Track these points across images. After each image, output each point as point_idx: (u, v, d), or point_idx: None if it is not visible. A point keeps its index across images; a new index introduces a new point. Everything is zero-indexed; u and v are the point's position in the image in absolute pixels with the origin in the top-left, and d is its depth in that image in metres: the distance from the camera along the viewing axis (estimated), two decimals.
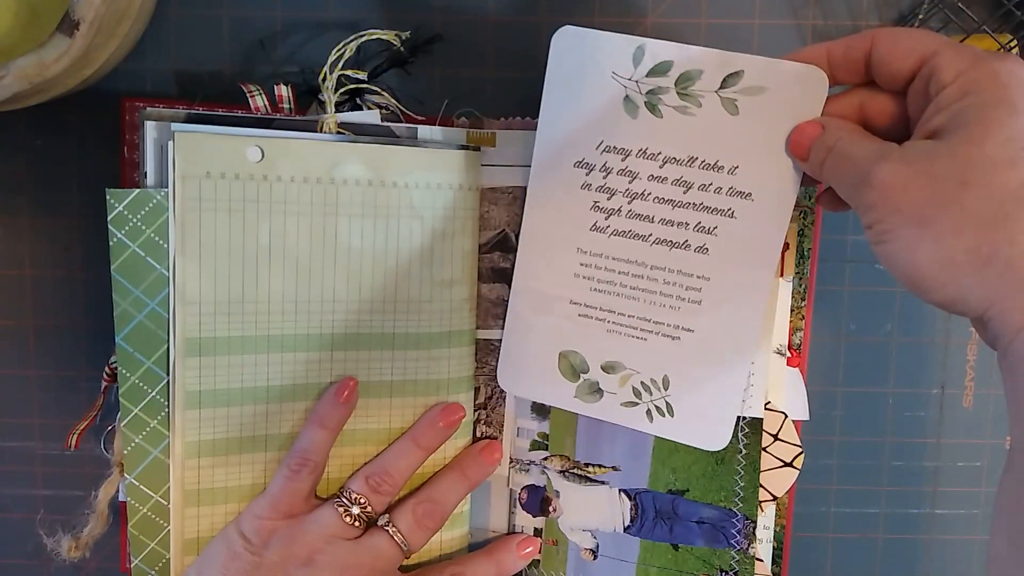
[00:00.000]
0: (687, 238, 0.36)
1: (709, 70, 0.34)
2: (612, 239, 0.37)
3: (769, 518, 0.40)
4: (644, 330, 0.38)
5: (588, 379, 0.39)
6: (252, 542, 0.36)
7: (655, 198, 0.36)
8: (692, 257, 0.36)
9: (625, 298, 0.38)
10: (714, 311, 0.37)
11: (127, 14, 0.37)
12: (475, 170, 0.40)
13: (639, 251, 0.37)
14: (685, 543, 0.40)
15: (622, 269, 0.37)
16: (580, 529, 0.42)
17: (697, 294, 0.37)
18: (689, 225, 0.36)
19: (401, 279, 0.39)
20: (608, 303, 0.38)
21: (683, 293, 0.37)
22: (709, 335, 0.37)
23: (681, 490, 0.40)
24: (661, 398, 0.38)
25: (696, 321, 0.37)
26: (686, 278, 0.37)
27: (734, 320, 0.36)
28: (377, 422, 0.40)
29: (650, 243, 0.37)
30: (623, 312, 0.38)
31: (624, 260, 0.37)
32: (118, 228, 0.35)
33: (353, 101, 0.39)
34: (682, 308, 0.37)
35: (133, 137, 0.40)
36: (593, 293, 0.38)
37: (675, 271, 0.37)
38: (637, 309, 0.38)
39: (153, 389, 0.37)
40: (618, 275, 0.38)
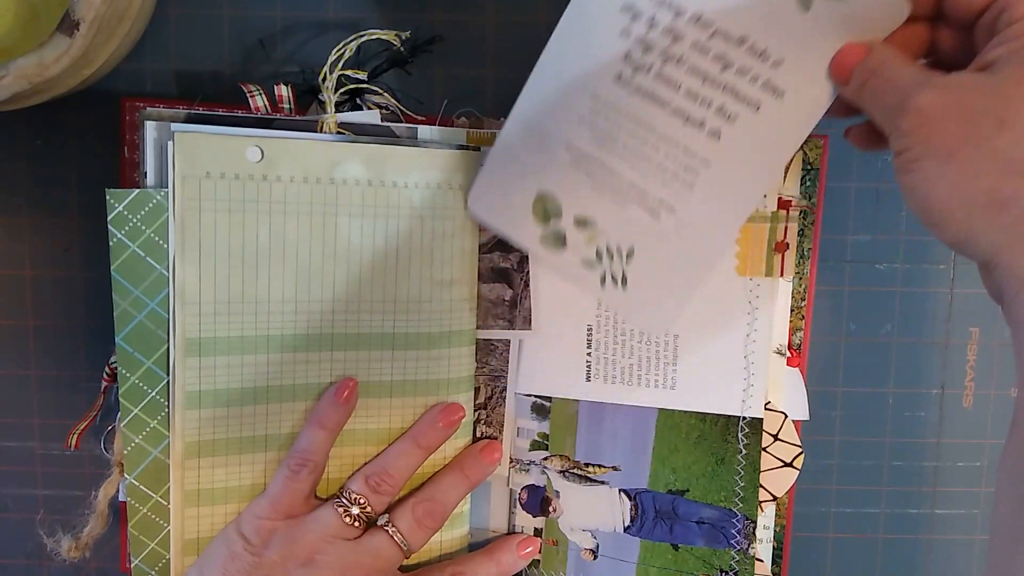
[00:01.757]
0: (705, 117, 0.34)
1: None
2: (632, 95, 0.35)
3: (769, 518, 0.40)
4: (628, 197, 0.36)
5: (557, 228, 0.37)
6: (252, 542, 0.36)
7: (689, 67, 0.34)
8: (702, 138, 0.35)
9: (621, 158, 0.36)
10: (702, 200, 0.35)
11: (127, 14, 0.37)
12: (475, 170, 0.40)
13: (654, 115, 0.35)
14: (685, 543, 0.40)
15: (630, 128, 0.35)
16: (580, 529, 0.42)
17: (693, 177, 0.35)
18: (712, 104, 0.34)
19: (401, 279, 0.39)
20: (604, 158, 0.36)
21: (680, 172, 0.36)
22: (688, 222, 0.36)
23: (681, 490, 0.40)
24: (620, 268, 0.37)
25: (681, 204, 0.36)
26: (688, 157, 0.35)
27: (716, 216, 0.35)
28: (377, 422, 0.39)
29: (667, 112, 0.35)
30: (615, 171, 0.36)
31: (635, 120, 0.35)
32: (118, 228, 0.35)
33: (353, 101, 0.39)
34: (674, 187, 0.36)
35: (133, 137, 0.40)
36: (592, 144, 0.36)
37: (680, 147, 0.35)
38: (629, 173, 0.36)
39: (153, 389, 0.37)
40: (624, 133, 0.36)
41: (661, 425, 0.40)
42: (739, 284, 0.39)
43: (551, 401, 0.41)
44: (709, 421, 0.39)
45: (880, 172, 0.42)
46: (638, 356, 0.40)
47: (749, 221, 0.38)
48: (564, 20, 0.35)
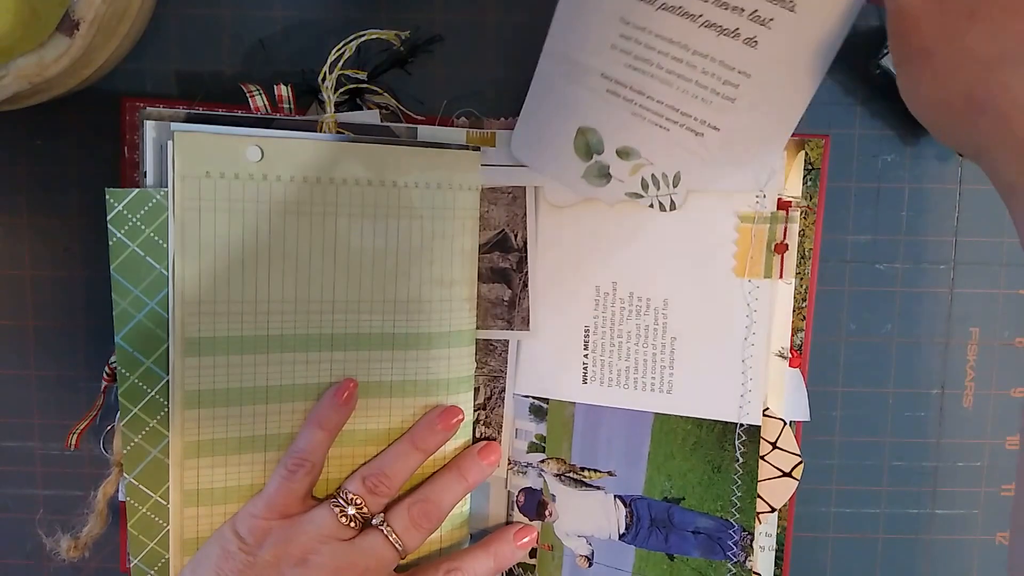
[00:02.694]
0: (739, 25, 0.33)
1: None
2: (660, 12, 0.33)
3: (771, 525, 0.40)
4: (670, 119, 0.36)
5: (600, 161, 0.37)
6: (247, 541, 0.36)
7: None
8: (739, 48, 0.33)
9: (659, 81, 0.35)
10: (746, 112, 0.34)
11: (127, 14, 0.37)
12: (475, 170, 0.40)
13: (685, 31, 0.33)
14: (681, 553, 0.40)
15: (663, 48, 0.34)
16: (575, 535, 0.41)
17: (734, 90, 0.34)
18: (744, 11, 0.33)
19: (401, 279, 0.39)
20: (640, 83, 0.35)
21: (719, 87, 0.34)
22: (734, 136, 0.35)
23: (677, 498, 0.39)
24: (668, 194, 0.37)
25: (725, 119, 0.35)
26: (727, 71, 0.34)
27: (763, 125, 0.34)
28: (376, 422, 0.39)
29: (699, 24, 0.33)
30: (653, 96, 0.35)
31: (667, 39, 0.34)
32: (118, 228, 0.35)
33: (353, 101, 0.39)
34: (715, 103, 0.35)
35: (133, 137, 0.40)
36: (627, 70, 0.35)
37: (717, 61, 0.34)
38: (668, 96, 0.35)
39: (152, 389, 0.37)
40: (657, 54, 0.34)
41: (657, 430, 0.40)
42: (737, 286, 0.38)
43: (548, 403, 0.41)
44: (706, 427, 0.39)
45: (880, 172, 0.42)
46: (635, 359, 0.40)
47: (747, 222, 0.38)
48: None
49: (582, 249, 0.40)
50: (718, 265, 0.38)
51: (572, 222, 0.40)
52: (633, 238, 0.39)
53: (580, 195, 0.39)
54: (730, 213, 0.38)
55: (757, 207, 0.38)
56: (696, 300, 0.39)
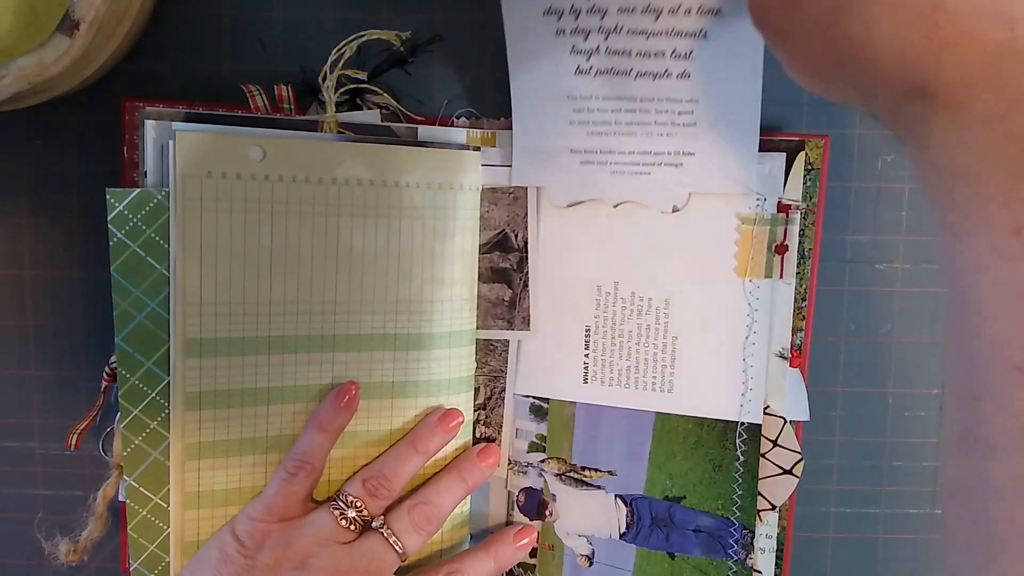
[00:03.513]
0: (667, 67, 0.35)
1: None
2: (597, 79, 0.36)
3: (772, 526, 0.40)
4: (647, 164, 0.38)
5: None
6: (246, 545, 0.36)
7: (628, 30, 0.35)
8: (677, 83, 0.36)
9: (623, 136, 0.37)
10: (711, 128, 0.36)
11: (127, 14, 0.37)
12: (475, 170, 0.40)
13: (626, 86, 0.36)
14: (681, 552, 0.40)
15: (614, 107, 0.37)
16: (576, 534, 0.41)
17: (691, 117, 0.36)
18: (665, 53, 0.35)
19: (402, 279, 0.39)
20: (607, 144, 0.38)
21: (677, 119, 0.37)
22: (710, 153, 0.37)
23: (678, 497, 0.40)
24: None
25: (695, 143, 0.37)
26: (676, 104, 0.36)
27: (732, 131, 0.36)
28: (378, 423, 0.39)
29: (633, 77, 0.36)
30: (623, 151, 0.38)
31: (614, 98, 0.37)
32: (118, 228, 0.35)
33: (353, 101, 0.39)
34: (679, 134, 0.37)
35: (133, 137, 0.40)
36: (591, 137, 0.38)
37: (664, 99, 0.36)
38: (636, 145, 0.37)
39: (153, 390, 0.37)
40: (611, 114, 0.37)
41: (658, 429, 0.40)
42: (738, 286, 0.38)
43: (549, 403, 0.41)
44: (707, 426, 0.39)
45: (880, 172, 0.42)
46: (635, 358, 0.40)
47: (748, 223, 0.38)
48: (509, 52, 0.37)
49: (583, 249, 0.40)
50: (719, 265, 0.38)
51: (573, 222, 0.40)
52: (635, 238, 0.39)
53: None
54: (731, 215, 0.38)
55: (757, 210, 0.38)
56: (697, 300, 0.39)
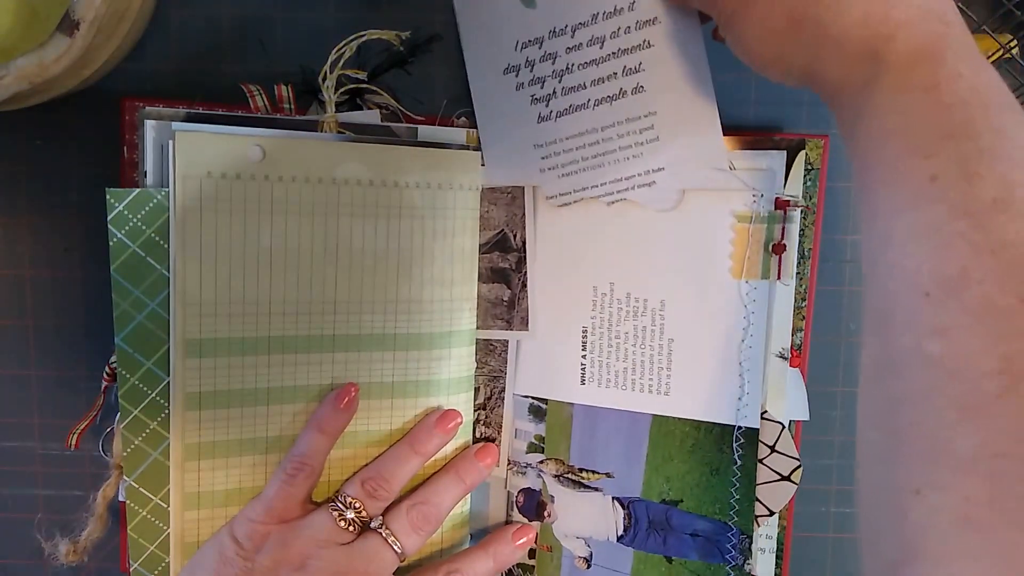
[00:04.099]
0: (620, 86, 0.37)
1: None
2: (559, 121, 0.38)
3: (772, 527, 0.39)
4: (621, 190, 0.39)
5: None
6: (244, 547, 0.36)
7: (579, 65, 0.37)
8: (632, 100, 0.37)
9: (593, 168, 0.39)
10: (674, 138, 0.37)
11: (127, 14, 0.37)
12: (475, 170, 0.40)
13: (586, 120, 0.38)
14: (679, 556, 0.40)
15: (577, 145, 0.39)
16: (574, 536, 0.41)
17: (652, 132, 0.38)
18: (617, 74, 0.37)
19: (402, 279, 0.39)
20: (579, 182, 0.39)
21: (639, 137, 0.38)
22: (678, 162, 0.38)
23: (675, 500, 0.39)
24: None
25: (662, 156, 0.38)
26: (636, 122, 0.38)
27: (693, 134, 0.37)
28: (378, 423, 0.39)
29: (592, 107, 0.38)
30: (596, 183, 0.39)
31: (576, 135, 0.38)
32: (118, 228, 0.35)
33: (353, 101, 0.39)
34: (645, 151, 0.38)
35: (133, 137, 0.40)
36: (562, 179, 0.39)
37: (623, 121, 0.38)
38: (606, 175, 0.39)
39: (153, 390, 0.37)
40: (576, 151, 0.39)
41: (655, 432, 0.40)
42: (733, 288, 0.38)
43: (547, 403, 0.41)
44: (704, 429, 0.39)
45: None
46: (632, 360, 0.40)
47: (744, 222, 0.38)
48: (477, 116, 0.40)
49: (580, 249, 0.40)
50: (715, 266, 0.38)
51: (570, 222, 0.40)
52: (630, 238, 0.39)
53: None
54: (727, 213, 0.38)
55: (755, 207, 0.38)
56: (693, 302, 0.39)
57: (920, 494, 0.23)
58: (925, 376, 0.24)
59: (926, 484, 0.23)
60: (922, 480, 0.24)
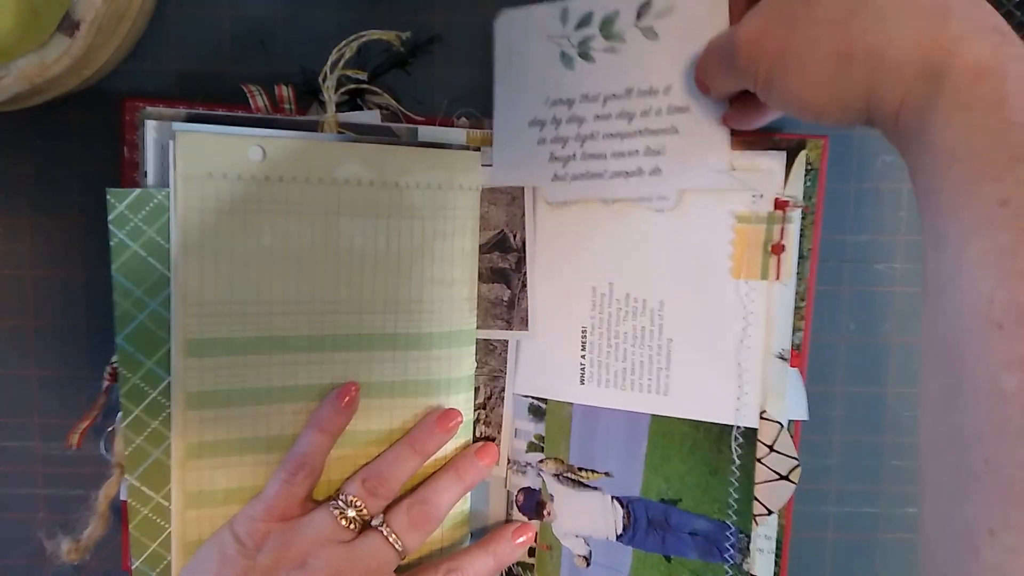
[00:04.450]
0: (639, 164, 0.38)
1: (624, 8, 0.37)
2: (573, 183, 0.39)
3: (771, 527, 0.39)
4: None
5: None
6: (245, 545, 0.36)
7: (604, 135, 0.38)
8: (647, 180, 0.38)
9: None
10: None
11: (127, 14, 0.37)
12: (475, 170, 0.40)
13: (599, 189, 0.39)
14: (678, 555, 0.40)
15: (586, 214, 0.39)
16: (573, 535, 0.41)
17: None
18: (639, 152, 0.38)
19: (402, 279, 0.39)
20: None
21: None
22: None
23: (674, 500, 0.39)
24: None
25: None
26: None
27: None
28: (378, 423, 0.40)
29: (607, 178, 0.39)
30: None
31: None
32: (119, 228, 0.35)
33: (353, 101, 0.39)
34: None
35: (133, 137, 0.40)
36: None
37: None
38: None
39: (154, 390, 0.37)
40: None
41: (654, 432, 0.40)
42: (732, 288, 0.38)
43: (547, 403, 0.41)
44: (702, 429, 0.39)
45: (880, 172, 0.42)
46: (631, 360, 0.40)
47: (744, 222, 0.38)
48: (495, 161, 0.40)
49: (579, 249, 0.40)
50: (714, 266, 0.38)
51: (569, 222, 0.40)
52: (629, 238, 0.39)
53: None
54: (727, 213, 0.38)
55: (754, 207, 0.38)
56: (692, 302, 0.39)
57: (994, 535, 0.22)
58: (1000, 411, 0.23)
59: (1001, 525, 0.22)
60: (997, 521, 0.22)
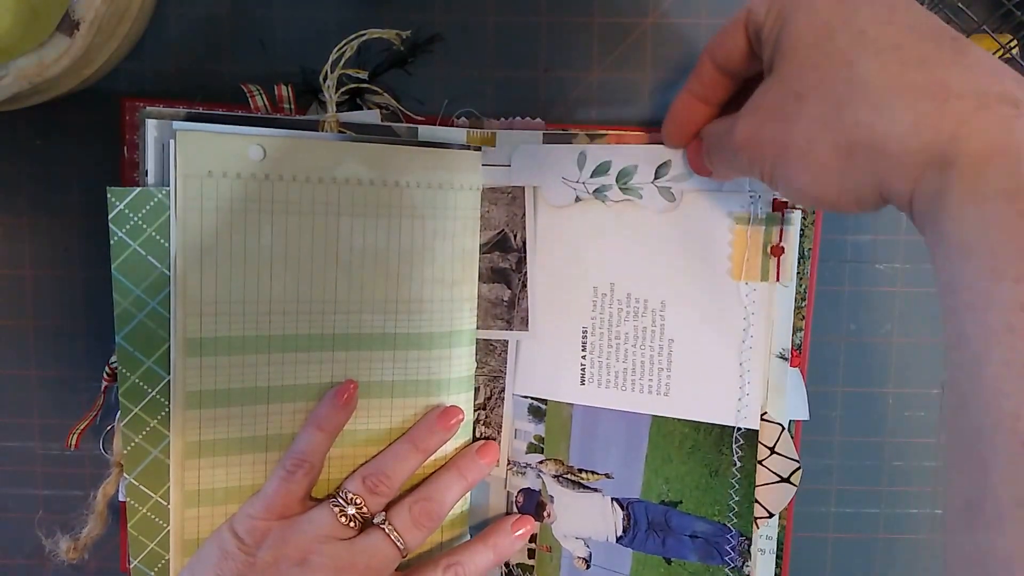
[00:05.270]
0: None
1: (642, 164, 0.38)
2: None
3: (772, 527, 0.39)
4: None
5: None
6: (245, 542, 0.36)
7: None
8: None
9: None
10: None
11: (127, 14, 0.37)
12: (476, 170, 0.40)
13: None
14: (678, 557, 0.39)
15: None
16: (573, 537, 0.41)
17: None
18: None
19: (402, 279, 0.39)
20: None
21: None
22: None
23: (674, 502, 0.39)
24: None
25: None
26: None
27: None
28: (378, 422, 0.39)
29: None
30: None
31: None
32: (119, 227, 0.35)
33: (353, 101, 0.39)
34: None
35: (133, 137, 0.40)
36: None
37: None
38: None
39: (153, 389, 0.37)
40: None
41: (654, 433, 0.39)
42: (733, 289, 0.38)
43: (547, 404, 0.41)
44: (703, 431, 0.39)
45: None
46: (632, 361, 0.39)
47: (743, 223, 0.38)
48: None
49: (580, 249, 0.40)
50: (714, 267, 0.38)
51: (570, 222, 0.40)
52: (630, 238, 0.39)
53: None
54: (725, 214, 0.38)
55: (752, 208, 0.38)
56: (693, 302, 0.39)
57: None
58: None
59: None
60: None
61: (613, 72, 0.41)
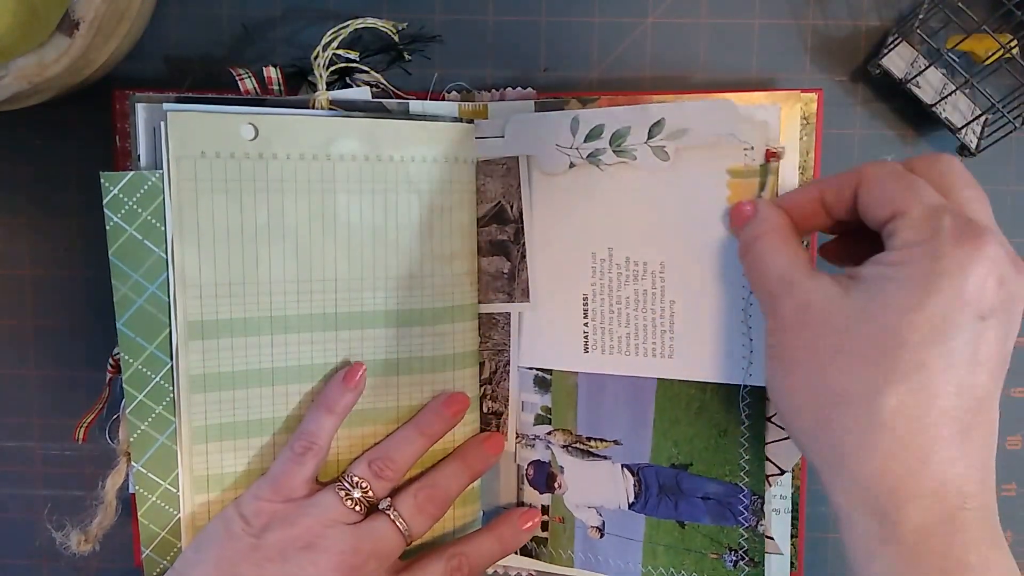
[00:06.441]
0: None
1: (635, 125, 0.37)
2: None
3: (785, 487, 0.38)
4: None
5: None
6: (251, 524, 0.36)
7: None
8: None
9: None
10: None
11: (127, 14, 0.38)
12: (470, 142, 0.40)
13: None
14: (691, 520, 0.39)
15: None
16: (585, 506, 0.40)
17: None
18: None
19: (401, 254, 0.39)
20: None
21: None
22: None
23: (684, 464, 0.39)
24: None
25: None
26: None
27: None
28: (385, 401, 0.39)
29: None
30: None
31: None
32: (114, 212, 0.35)
33: (343, 81, 0.40)
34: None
35: (124, 126, 0.40)
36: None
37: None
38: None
39: (157, 374, 0.36)
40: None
41: (661, 396, 0.39)
42: (733, 244, 0.37)
43: (552, 374, 0.41)
44: (710, 391, 0.38)
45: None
46: (635, 325, 0.39)
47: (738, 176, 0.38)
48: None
49: (576, 216, 0.40)
50: (712, 224, 0.38)
51: (565, 189, 0.40)
52: (625, 201, 0.39)
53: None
54: (720, 169, 0.38)
55: (746, 160, 0.38)
56: (693, 262, 0.38)
57: None
58: None
59: None
60: None
61: (613, 72, 0.42)
